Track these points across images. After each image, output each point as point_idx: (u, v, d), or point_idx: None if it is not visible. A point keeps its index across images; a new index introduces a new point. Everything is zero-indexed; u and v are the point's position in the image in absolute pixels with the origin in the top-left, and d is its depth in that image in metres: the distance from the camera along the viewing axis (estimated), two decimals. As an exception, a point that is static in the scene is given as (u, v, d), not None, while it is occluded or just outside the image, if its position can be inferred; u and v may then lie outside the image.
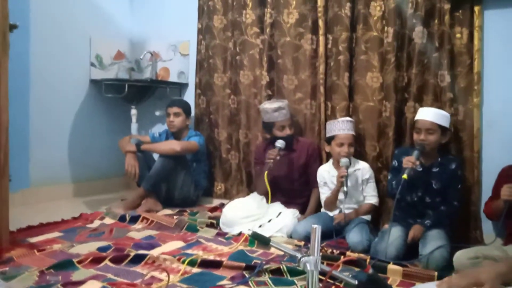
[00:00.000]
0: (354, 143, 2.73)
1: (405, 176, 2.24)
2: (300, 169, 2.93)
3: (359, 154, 2.82)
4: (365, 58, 2.85)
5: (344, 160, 2.58)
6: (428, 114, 2.39)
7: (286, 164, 2.93)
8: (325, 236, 2.49)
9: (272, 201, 2.85)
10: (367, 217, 2.66)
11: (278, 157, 2.80)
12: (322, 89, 2.99)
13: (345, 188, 2.50)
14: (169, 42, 3.82)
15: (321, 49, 2.99)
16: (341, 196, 2.58)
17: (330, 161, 2.82)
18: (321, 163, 2.94)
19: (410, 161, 2.28)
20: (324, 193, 2.76)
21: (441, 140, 2.40)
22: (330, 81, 2.99)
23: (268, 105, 2.93)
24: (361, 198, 2.71)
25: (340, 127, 2.70)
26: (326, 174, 2.77)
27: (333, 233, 2.54)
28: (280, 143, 2.83)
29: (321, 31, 2.99)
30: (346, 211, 2.61)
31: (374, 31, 2.81)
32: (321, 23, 2.98)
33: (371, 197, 2.69)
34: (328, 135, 2.77)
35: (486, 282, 1.19)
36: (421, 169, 2.35)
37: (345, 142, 2.67)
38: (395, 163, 2.53)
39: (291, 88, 3.17)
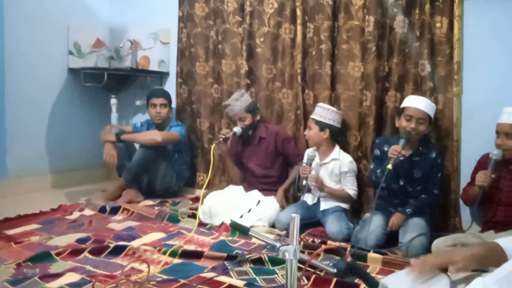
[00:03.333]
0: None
1: (389, 166, 2.24)
2: (271, 156, 2.96)
3: (340, 144, 2.82)
4: (346, 47, 2.84)
5: (310, 153, 2.57)
6: (421, 103, 2.36)
7: (256, 152, 2.97)
8: (308, 225, 2.50)
9: (250, 189, 2.88)
10: (345, 205, 2.65)
11: (228, 140, 2.92)
12: (299, 78, 2.99)
13: (304, 183, 2.52)
14: (149, 30, 3.75)
15: (299, 38, 2.98)
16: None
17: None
18: (295, 143, 2.99)
19: (396, 151, 2.26)
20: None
21: (426, 131, 2.40)
22: (312, 70, 2.98)
23: (224, 103, 3.03)
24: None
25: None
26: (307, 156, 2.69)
27: (316, 221, 2.56)
28: (237, 129, 2.92)
29: (298, 21, 2.98)
30: (323, 198, 2.65)
31: (355, 20, 2.81)
32: (299, 12, 2.97)
33: (349, 189, 2.65)
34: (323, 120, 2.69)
35: (459, 261, 1.22)
36: (402, 158, 2.36)
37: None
38: (377, 152, 2.52)
39: (269, 77, 3.16)
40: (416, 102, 2.37)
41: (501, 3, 2.45)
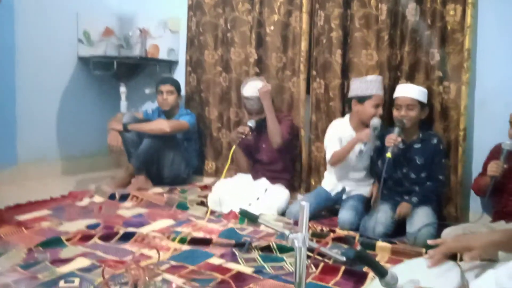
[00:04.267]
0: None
1: (389, 154, 2.25)
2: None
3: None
4: (359, 35, 2.80)
5: (376, 121, 2.45)
6: (408, 91, 2.40)
7: (264, 139, 2.95)
8: (322, 213, 2.54)
9: (257, 177, 2.87)
10: (366, 192, 2.62)
11: (249, 136, 2.84)
12: (302, 66, 2.98)
13: (362, 147, 2.41)
14: (158, 19, 3.74)
15: (304, 26, 2.96)
16: (352, 157, 2.52)
17: (347, 117, 2.69)
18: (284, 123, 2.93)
19: (392, 139, 2.28)
20: (335, 148, 2.57)
21: (420, 116, 2.41)
22: (322, 59, 2.95)
23: (245, 94, 2.92)
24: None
25: (378, 87, 2.57)
26: (341, 129, 2.62)
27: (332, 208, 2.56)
28: (251, 123, 2.87)
29: (304, 8, 2.96)
30: (349, 182, 2.61)
31: (368, 8, 2.76)
32: (305, 0, 2.94)
33: None
34: (361, 93, 2.56)
35: (476, 248, 1.18)
36: (403, 146, 2.37)
37: (380, 103, 2.55)
38: (377, 142, 2.52)
39: (279, 66, 3.14)
40: (403, 91, 2.41)
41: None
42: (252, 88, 2.89)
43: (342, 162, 2.56)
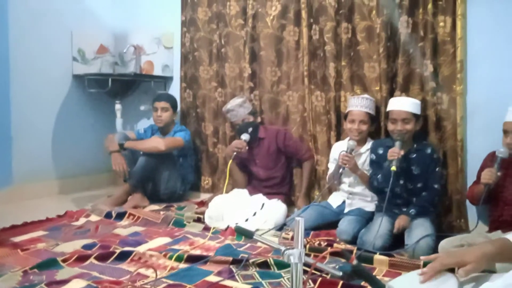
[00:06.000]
0: (368, 122, 2.62)
1: (393, 168, 2.25)
2: (273, 156, 2.97)
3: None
4: (360, 48, 2.82)
5: (351, 143, 2.53)
6: (402, 104, 2.40)
7: (258, 154, 2.98)
8: (327, 227, 2.55)
9: (254, 193, 2.87)
10: (369, 208, 2.60)
11: (244, 150, 2.88)
12: (306, 81, 2.98)
13: (340, 170, 2.54)
14: (152, 35, 3.76)
15: (304, 41, 2.98)
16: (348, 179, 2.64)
17: (347, 138, 2.72)
18: (298, 140, 3.01)
19: (395, 152, 2.29)
20: (331, 170, 2.74)
21: (415, 128, 2.42)
22: (319, 72, 2.97)
23: (225, 108, 3.06)
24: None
25: (354, 103, 2.63)
26: (339, 150, 2.65)
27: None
28: (245, 136, 2.90)
29: (304, 23, 2.97)
30: (350, 197, 2.65)
31: (368, 20, 2.78)
32: (304, 14, 2.97)
33: None
34: (345, 112, 2.71)
35: (470, 262, 1.18)
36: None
37: (355, 118, 2.60)
38: (372, 156, 2.55)
39: (274, 80, 3.16)
40: (397, 104, 2.42)
41: (504, 1, 2.43)
42: (232, 101, 3.04)
43: (333, 183, 2.67)
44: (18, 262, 2.01)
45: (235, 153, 2.87)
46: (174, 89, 3.66)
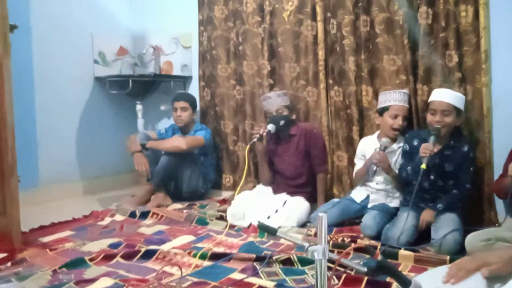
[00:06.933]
0: (407, 117, 2.59)
1: (423, 165, 2.19)
2: (302, 154, 2.91)
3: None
4: (379, 41, 2.78)
5: (384, 140, 2.49)
6: (444, 95, 2.31)
7: (287, 151, 2.93)
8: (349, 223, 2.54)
9: (278, 192, 2.86)
10: (393, 204, 2.56)
11: (264, 135, 2.84)
12: (321, 76, 2.97)
13: (374, 168, 2.48)
14: (170, 35, 3.79)
15: (320, 35, 2.96)
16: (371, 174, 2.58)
17: (376, 133, 2.70)
18: (324, 147, 2.96)
19: (428, 149, 2.21)
20: (358, 167, 2.69)
21: (455, 123, 2.33)
22: (338, 67, 2.95)
23: (264, 95, 3.02)
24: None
25: (396, 97, 2.58)
26: (367, 146, 2.64)
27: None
28: (271, 127, 2.85)
29: (318, 17, 2.96)
30: (375, 192, 2.61)
31: (387, 12, 2.74)
32: (318, 8, 2.95)
33: None
34: (381, 105, 2.63)
35: (495, 263, 1.16)
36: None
37: (399, 113, 2.55)
38: (406, 147, 2.48)
39: (293, 75, 3.15)
40: (439, 95, 2.33)
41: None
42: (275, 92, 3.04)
43: (361, 181, 2.62)
44: (47, 262, 2.06)
45: (254, 140, 2.84)
46: (194, 88, 3.69)
